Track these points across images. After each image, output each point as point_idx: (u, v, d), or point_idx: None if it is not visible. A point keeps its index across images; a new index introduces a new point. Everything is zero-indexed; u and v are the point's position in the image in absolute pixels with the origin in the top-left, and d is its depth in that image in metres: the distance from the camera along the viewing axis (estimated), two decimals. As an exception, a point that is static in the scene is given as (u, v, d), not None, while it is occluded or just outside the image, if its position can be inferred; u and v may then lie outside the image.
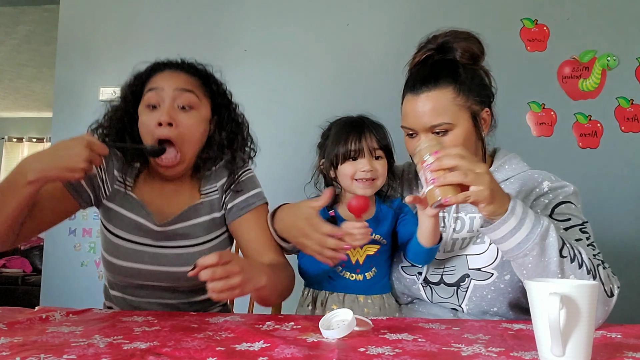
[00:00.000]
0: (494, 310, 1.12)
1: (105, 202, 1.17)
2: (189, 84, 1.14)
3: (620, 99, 2.25)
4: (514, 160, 1.20)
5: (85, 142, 0.96)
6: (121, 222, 1.15)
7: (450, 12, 2.36)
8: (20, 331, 0.83)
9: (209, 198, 1.18)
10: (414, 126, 1.13)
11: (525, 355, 0.71)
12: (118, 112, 1.18)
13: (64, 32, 2.65)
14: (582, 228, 1.05)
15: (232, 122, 1.20)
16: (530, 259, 0.91)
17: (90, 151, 0.95)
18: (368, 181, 1.14)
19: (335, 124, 1.21)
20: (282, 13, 2.49)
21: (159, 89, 1.11)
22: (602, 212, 2.18)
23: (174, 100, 1.11)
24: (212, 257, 0.83)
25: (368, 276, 1.16)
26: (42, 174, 0.94)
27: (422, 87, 1.11)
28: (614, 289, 0.96)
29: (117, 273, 1.15)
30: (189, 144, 1.12)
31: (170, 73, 1.15)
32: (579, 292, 0.66)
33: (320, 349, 0.74)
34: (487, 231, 0.94)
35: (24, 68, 5.05)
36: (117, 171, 1.17)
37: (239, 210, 1.16)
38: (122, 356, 0.68)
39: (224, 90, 1.23)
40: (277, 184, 2.12)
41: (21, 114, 6.83)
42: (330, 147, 1.17)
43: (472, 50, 1.14)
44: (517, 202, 0.92)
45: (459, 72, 1.12)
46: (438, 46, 1.16)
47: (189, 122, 1.11)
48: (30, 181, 0.94)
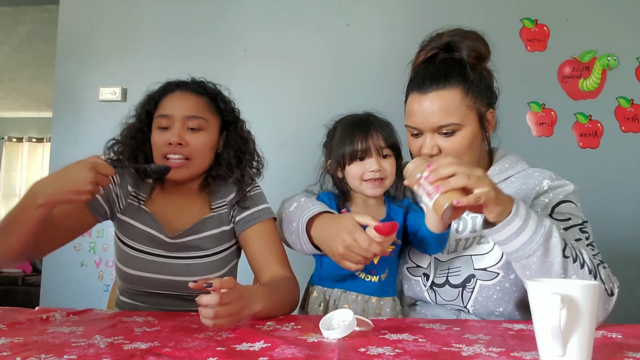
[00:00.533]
0: (499, 310, 1.11)
1: (120, 215, 1.23)
2: (198, 107, 1.20)
3: (621, 98, 2.25)
4: (513, 159, 1.19)
5: (90, 165, 0.99)
6: (134, 234, 1.21)
7: (450, 12, 2.36)
8: (20, 331, 0.83)
9: (218, 212, 1.24)
10: (420, 125, 1.10)
11: (525, 355, 0.71)
12: (132, 131, 1.24)
13: (63, 32, 2.65)
14: (582, 228, 1.05)
15: (240, 140, 1.26)
16: (534, 260, 0.91)
17: (96, 173, 0.99)
18: (377, 181, 1.12)
19: (340, 123, 1.19)
20: (283, 13, 2.49)
21: (169, 115, 1.18)
22: (602, 212, 2.18)
23: (184, 124, 1.18)
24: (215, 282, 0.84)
25: (382, 277, 1.15)
26: (51, 198, 0.98)
27: (431, 85, 1.09)
28: (614, 288, 0.96)
29: (128, 281, 1.21)
30: (198, 159, 1.19)
31: (181, 94, 1.21)
32: (580, 292, 0.66)
33: (320, 349, 0.74)
34: (491, 233, 0.92)
35: (24, 68, 5.04)
36: (130, 186, 1.24)
37: (245, 223, 1.22)
38: (122, 356, 0.68)
39: (232, 108, 1.28)
40: (277, 184, 2.12)
41: (21, 114, 6.83)
42: (337, 147, 1.16)
43: (479, 49, 1.12)
44: (520, 204, 0.91)
45: (467, 72, 1.10)
46: (444, 45, 1.14)
47: (198, 142, 1.18)
48: (40, 205, 0.98)
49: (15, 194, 6.70)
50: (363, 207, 1.18)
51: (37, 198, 0.98)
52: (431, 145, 1.10)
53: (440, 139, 1.10)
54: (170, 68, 2.56)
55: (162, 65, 2.53)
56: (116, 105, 2.53)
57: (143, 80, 2.50)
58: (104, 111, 2.56)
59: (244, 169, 1.24)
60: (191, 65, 2.54)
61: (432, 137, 1.10)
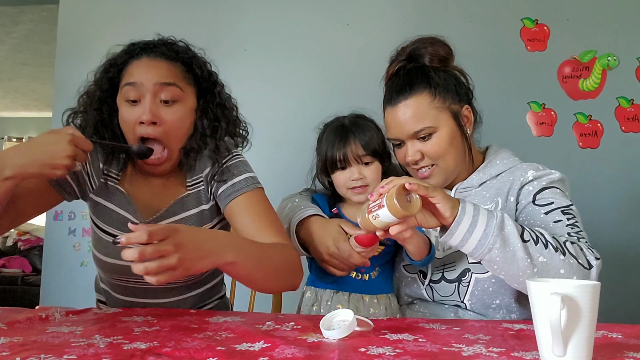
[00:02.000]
0: (496, 302, 1.12)
1: (92, 195, 1.12)
2: (171, 74, 1.04)
3: (621, 98, 2.25)
4: (504, 155, 1.21)
5: (70, 137, 0.90)
6: (109, 218, 1.11)
7: (450, 12, 2.36)
8: (20, 331, 0.83)
9: (195, 190, 1.13)
10: (398, 136, 1.15)
11: (526, 355, 0.71)
12: (95, 102, 1.09)
13: (63, 32, 2.64)
14: (564, 210, 1.07)
15: (217, 108, 1.11)
16: (495, 252, 0.93)
17: (75, 147, 0.90)
18: (360, 188, 1.15)
19: (325, 129, 1.22)
20: (282, 13, 2.49)
21: (138, 84, 1.02)
22: (602, 212, 2.18)
23: (156, 95, 1.02)
24: (141, 234, 0.73)
25: (373, 275, 1.16)
26: (20, 170, 0.89)
27: (398, 96, 1.14)
28: (592, 261, 0.96)
29: (106, 270, 1.11)
30: (176, 140, 1.06)
31: (149, 61, 1.05)
32: (580, 292, 0.66)
33: (320, 349, 0.74)
34: (447, 238, 0.95)
35: (24, 67, 5.04)
36: (102, 163, 1.11)
37: (226, 197, 1.09)
38: (122, 356, 0.68)
39: (209, 71, 1.13)
40: (276, 184, 2.12)
41: (21, 114, 6.83)
42: (322, 154, 1.18)
43: (439, 53, 1.17)
44: (466, 202, 0.95)
45: (430, 76, 1.14)
46: (407, 56, 1.19)
47: (174, 117, 1.03)
48: (8, 177, 0.89)
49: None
50: (354, 207, 1.20)
51: (5, 169, 0.88)
52: (413, 151, 1.14)
53: (420, 144, 1.14)
54: (170, 68, 2.57)
55: (162, 65, 2.54)
56: (116, 105, 2.53)
57: (143, 79, 2.53)
58: (104, 111, 2.56)
59: (218, 139, 1.09)
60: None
61: (412, 144, 1.14)
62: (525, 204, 1.11)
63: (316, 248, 1.12)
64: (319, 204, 1.21)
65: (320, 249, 1.10)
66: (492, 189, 1.17)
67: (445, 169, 1.16)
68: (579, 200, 1.17)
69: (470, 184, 1.18)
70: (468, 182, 1.19)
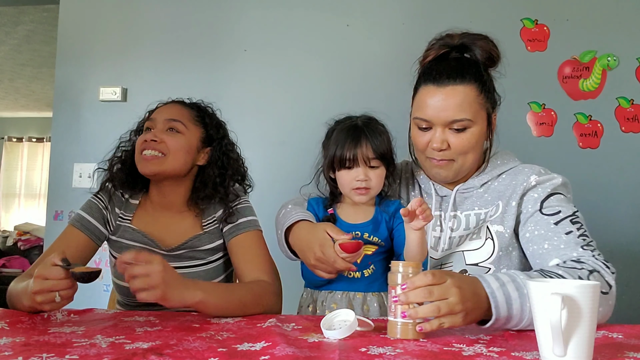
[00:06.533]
0: None
1: (111, 236, 1.29)
2: (179, 113, 1.27)
3: (621, 99, 2.25)
4: (505, 156, 1.21)
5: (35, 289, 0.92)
6: (128, 250, 1.19)
7: (451, 12, 2.36)
8: (22, 331, 0.83)
9: (209, 229, 1.28)
10: (432, 118, 1.10)
11: (526, 355, 0.71)
12: (129, 145, 1.32)
13: (63, 32, 2.64)
14: (572, 219, 1.06)
15: (224, 156, 1.30)
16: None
17: (41, 280, 0.92)
18: (363, 189, 1.15)
19: (337, 126, 1.21)
20: (282, 13, 2.49)
21: (153, 119, 1.26)
22: (602, 212, 2.18)
23: (164, 126, 1.24)
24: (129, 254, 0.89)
25: (366, 273, 1.17)
26: (32, 305, 0.95)
27: (448, 79, 1.09)
28: (610, 281, 0.94)
29: (126, 295, 1.24)
30: (172, 156, 1.22)
31: (168, 105, 1.30)
32: (581, 292, 0.66)
33: (321, 349, 0.74)
34: (491, 329, 0.87)
35: (24, 68, 5.04)
36: (117, 209, 1.29)
37: (230, 234, 1.26)
38: (124, 356, 0.68)
39: (219, 123, 1.33)
40: (276, 184, 2.12)
41: (21, 114, 6.82)
42: (330, 150, 1.18)
43: (492, 52, 1.14)
44: (495, 295, 0.84)
45: (481, 71, 1.12)
46: (457, 45, 1.15)
47: (173, 141, 1.22)
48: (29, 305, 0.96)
49: (15, 193, 6.70)
50: (352, 207, 1.21)
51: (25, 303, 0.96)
52: (441, 139, 1.11)
53: (451, 134, 1.10)
54: (170, 68, 2.58)
55: (162, 65, 2.53)
56: (116, 105, 2.53)
57: (143, 80, 2.54)
58: (104, 111, 2.56)
59: (227, 187, 1.28)
60: (191, 65, 2.56)
61: (443, 132, 1.10)
62: (532, 212, 1.10)
63: (304, 253, 1.12)
64: (314, 207, 1.22)
65: (307, 254, 1.10)
66: (494, 192, 1.16)
67: (461, 165, 1.14)
68: (579, 201, 1.17)
69: (472, 184, 1.18)
70: (469, 183, 1.19)
